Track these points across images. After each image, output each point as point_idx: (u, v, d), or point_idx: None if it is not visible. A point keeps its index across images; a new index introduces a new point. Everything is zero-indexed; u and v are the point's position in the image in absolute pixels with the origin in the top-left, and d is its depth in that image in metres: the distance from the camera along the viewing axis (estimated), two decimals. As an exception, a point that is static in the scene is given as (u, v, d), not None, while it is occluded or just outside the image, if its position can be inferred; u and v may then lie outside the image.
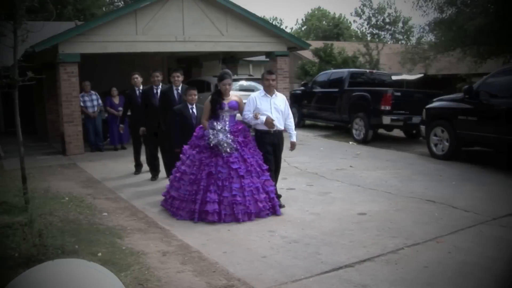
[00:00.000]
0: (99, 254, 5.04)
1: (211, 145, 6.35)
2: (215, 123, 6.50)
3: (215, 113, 6.64)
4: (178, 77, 8.46)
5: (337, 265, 4.72)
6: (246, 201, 6.29)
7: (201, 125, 6.88)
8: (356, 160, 10.63)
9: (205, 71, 19.34)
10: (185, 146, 6.87)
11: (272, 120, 6.67)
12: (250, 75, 16.30)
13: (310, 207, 6.74)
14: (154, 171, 9.12)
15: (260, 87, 14.51)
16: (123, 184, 8.78)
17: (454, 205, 6.86)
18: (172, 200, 6.69)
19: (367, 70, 17.38)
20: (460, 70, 21.43)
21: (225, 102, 6.66)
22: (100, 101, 13.01)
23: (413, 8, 19.56)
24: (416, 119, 12.27)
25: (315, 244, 5.36)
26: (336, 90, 14.87)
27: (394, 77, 19.01)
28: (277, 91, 7.07)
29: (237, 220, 6.22)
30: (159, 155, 9.12)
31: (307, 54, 24.82)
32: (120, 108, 12.43)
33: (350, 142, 13.45)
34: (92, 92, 12.95)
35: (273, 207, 6.53)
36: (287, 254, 5.09)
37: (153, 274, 4.60)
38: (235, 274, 4.57)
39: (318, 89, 15.88)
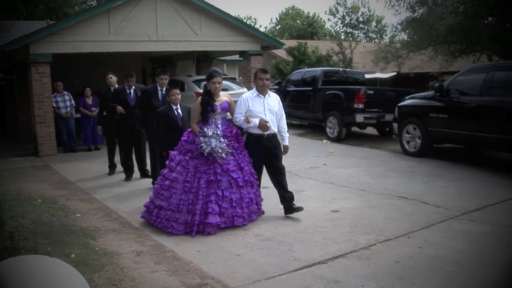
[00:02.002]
0: (73, 255, 5.00)
1: (205, 154, 5.82)
2: (205, 129, 5.94)
3: (206, 116, 6.12)
4: (166, 79, 8.20)
5: (310, 262, 4.77)
6: (244, 213, 5.94)
7: (190, 129, 6.34)
8: (330, 158, 10.73)
9: (179, 71, 19.29)
10: (173, 152, 6.24)
11: (266, 122, 6.16)
12: (224, 74, 16.26)
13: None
14: (128, 172, 9.07)
15: (235, 86, 14.60)
16: (97, 185, 8.71)
17: (426, 201, 6.98)
18: (159, 210, 5.94)
19: (341, 69, 17.53)
20: (432, 69, 21.77)
21: (217, 103, 6.16)
22: (73, 102, 12.89)
23: (386, 7, 19.83)
24: (389, 117, 12.41)
25: (289, 242, 5.41)
26: (310, 88, 14.96)
27: (367, 76, 19.17)
28: (250, 90, 6.84)
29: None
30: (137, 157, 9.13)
31: (281, 53, 24.92)
32: (94, 109, 12.35)
33: (324, 141, 13.54)
34: (65, 92, 12.81)
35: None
36: (260, 252, 5.13)
37: (127, 274, 4.58)
38: (209, 273, 4.58)
39: (292, 88, 15.96)
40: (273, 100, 6.42)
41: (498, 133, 8.68)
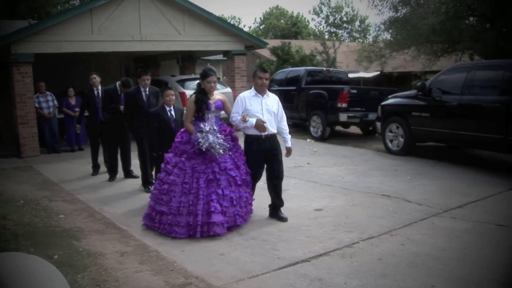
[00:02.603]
0: (56, 256, 4.98)
1: (203, 149, 5.65)
2: (201, 125, 5.80)
3: (201, 114, 5.97)
4: (148, 80, 8.04)
5: (294, 261, 4.80)
6: (243, 212, 5.86)
7: (183, 129, 6.21)
8: (314, 157, 10.77)
9: (162, 71, 19.25)
10: (168, 154, 6.07)
11: (263, 122, 5.96)
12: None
13: (267, 204, 6.69)
14: (112, 172, 9.04)
15: (219, 85, 14.57)
16: (80, 185, 8.67)
17: (408, 199, 7.05)
18: (161, 216, 5.79)
19: (324, 68, 17.60)
20: (415, 68, 21.95)
21: (211, 102, 6.02)
22: (55, 102, 12.79)
23: (369, 7, 19.89)
24: (372, 116, 12.51)
25: (272, 241, 5.43)
26: (294, 88, 15.02)
27: (351, 75, 19.31)
28: (234, 89, 6.71)
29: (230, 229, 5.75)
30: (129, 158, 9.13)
31: (265, 52, 24.96)
32: (77, 109, 12.27)
33: (308, 140, 13.60)
34: (48, 92, 12.70)
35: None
36: (244, 251, 5.14)
37: (110, 274, 4.57)
38: (193, 272, 4.59)
39: (275, 87, 15.98)
40: (272, 100, 6.22)
41: (479, 132, 8.80)
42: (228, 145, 5.82)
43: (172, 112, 7.22)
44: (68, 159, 11.65)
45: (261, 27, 55.34)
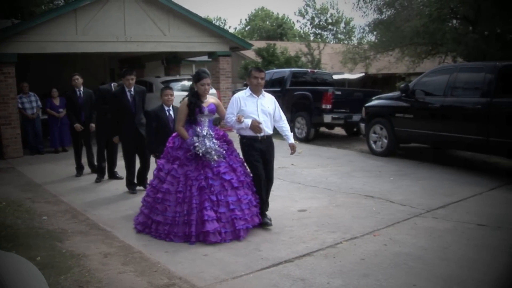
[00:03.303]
0: (38, 258, 4.95)
1: (200, 154, 5.49)
2: (198, 129, 5.67)
3: (194, 118, 5.79)
4: (133, 79, 7.87)
5: (277, 261, 4.82)
6: (245, 215, 5.56)
7: (175, 134, 6.01)
8: (298, 158, 10.78)
9: (147, 72, 19.21)
10: (160, 161, 5.92)
11: (259, 123, 5.81)
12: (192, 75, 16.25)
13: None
14: (101, 173, 9.02)
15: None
16: (64, 187, 8.62)
17: (391, 200, 7.12)
18: (157, 225, 5.66)
19: (309, 70, 17.66)
20: (399, 70, 22.13)
21: (204, 105, 5.82)
22: (39, 103, 12.69)
23: (354, 9, 20.06)
24: (356, 117, 12.59)
25: (256, 241, 5.45)
26: (278, 89, 15.03)
27: (336, 77, 19.37)
28: (219, 91, 6.55)
29: (238, 238, 5.46)
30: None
31: (250, 54, 24.99)
32: (61, 110, 12.20)
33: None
34: (31, 93, 12.59)
35: None
36: (228, 251, 5.15)
37: (94, 276, 4.56)
38: (176, 273, 4.60)
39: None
40: (268, 101, 6.08)
41: (461, 133, 8.90)
42: (224, 152, 5.68)
43: (171, 112, 7.04)
44: (52, 160, 11.57)
45: (246, 29, 55.33)
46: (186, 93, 6.12)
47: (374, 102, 11.40)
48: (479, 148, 8.86)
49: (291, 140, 6.24)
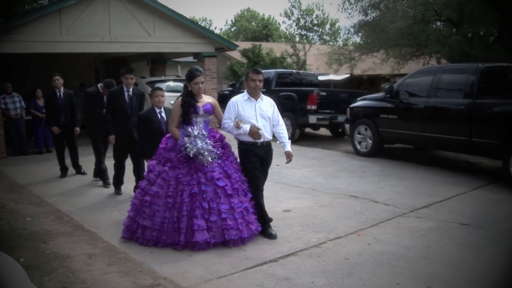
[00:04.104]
0: (22, 259, 4.90)
1: (191, 155, 5.22)
2: (189, 129, 5.37)
3: (188, 119, 5.50)
4: (132, 79, 7.64)
5: (262, 261, 4.85)
6: (238, 224, 5.26)
7: (168, 134, 5.73)
8: (283, 159, 10.77)
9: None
10: (152, 162, 5.63)
11: (258, 129, 5.51)
12: (178, 76, 16.27)
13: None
14: (102, 174, 8.72)
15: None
16: (48, 188, 8.56)
17: (376, 200, 7.19)
18: (144, 230, 5.36)
19: (294, 71, 17.72)
20: (384, 71, 22.25)
21: (199, 105, 5.54)
22: (23, 103, 12.59)
23: (339, 10, 20.16)
24: (341, 118, 12.67)
25: (241, 241, 5.46)
26: (264, 90, 14.96)
27: (321, 78, 19.46)
28: (205, 92, 6.25)
29: (227, 245, 5.23)
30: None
31: (235, 54, 25.03)
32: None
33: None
34: (14, 93, 12.48)
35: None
36: (213, 252, 5.15)
37: (78, 276, 4.54)
38: (161, 273, 4.60)
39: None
40: (266, 104, 5.73)
41: (444, 133, 9.00)
42: (218, 152, 5.40)
43: (163, 114, 6.79)
44: (36, 161, 11.48)
45: (232, 29, 55.37)
46: (171, 94, 6.04)
47: (359, 103, 11.47)
48: (462, 148, 8.96)
49: (288, 147, 5.87)
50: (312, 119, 13.05)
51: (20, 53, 12.24)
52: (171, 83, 14.26)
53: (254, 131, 5.49)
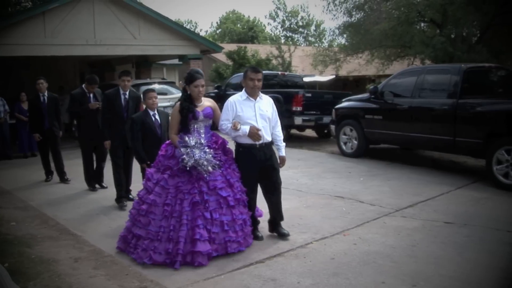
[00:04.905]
0: (6, 264, 4.86)
1: (187, 168, 4.96)
2: (186, 138, 5.07)
3: (187, 125, 5.23)
4: (129, 81, 7.43)
5: (248, 262, 4.86)
6: (238, 237, 5.08)
7: (168, 141, 5.46)
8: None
9: (118, 75, 19.07)
10: (150, 170, 5.39)
11: (258, 130, 5.29)
12: (163, 79, 16.24)
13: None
14: (94, 180, 8.58)
15: (174, 90, 14.52)
16: (33, 192, 8.50)
17: (361, 200, 7.23)
18: (137, 240, 5.08)
19: (279, 72, 17.76)
20: (369, 72, 22.37)
21: (199, 109, 5.27)
22: (7, 107, 12.48)
23: (324, 11, 20.25)
24: (326, 119, 12.70)
25: (227, 243, 5.46)
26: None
27: (306, 79, 19.52)
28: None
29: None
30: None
31: (221, 57, 25.05)
32: (29, 114, 12.01)
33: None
34: (-2, 97, 12.39)
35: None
36: (199, 253, 5.16)
37: (64, 280, 4.52)
38: (148, 276, 4.59)
39: (231, 92, 16.01)
40: (266, 104, 5.51)
41: (429, 133, 9.08)
42: (218, 162, 5.13)
43: (157, 117, 6.51)
44: (20, 165, 11.39)
45: (217, 32, 55.33)
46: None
47: (344, 104, 11.53)
48: (446, 148, 9.05)
49: (283, 152, 5.68)
50: (298, 120, 13.08)
51: (2, 56, 12.13)
52: (156, 86, 14.18)
53: (254, 132, 5.27)
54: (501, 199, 7.17)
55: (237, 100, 5.41)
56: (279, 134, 5.67)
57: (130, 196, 7.46)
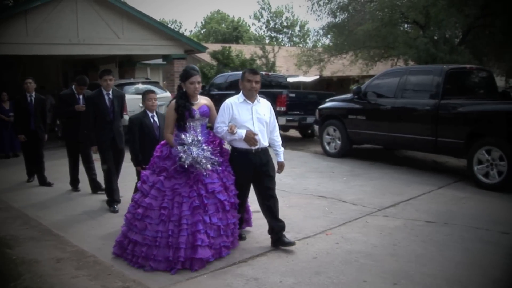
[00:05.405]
0: (-14, 266, 4.85)
1: (186, 166, 4.74)
2: (182, 136, 4.86)
3: (183, 124, 5.03)
4: (111, 80, 7.12)
5: (231, 261, 4.87)
6: (229, 242, 5.03)
7: (163, 141, 5.29)
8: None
9: (99, 75, 18.97)
10: (145, 172, 5.18)
11: (254, 134, 5.10)
12: (147, 79, 16.19)
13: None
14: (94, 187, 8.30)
15: (158, 90, 14.45)
16: (15, 192, 8.41)
17: (344, 199, 7.28)
18: (134, 246, 4.87)
19: (263, 73, 17.79)
20: (353, 72, 22.51)
21: (195, 108, 5.09)
22: (-12, 107, 12.35)
23: (308, 12, 20.34)
24: (310, 119, 12.76)
25: (210, 242, 5.46)
26: (233, 92, 15.01)
27: (291, 79, 19.56)
28: (174, 94, 5.67)
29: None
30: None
31: (205, 57, 25.00)
32: (11, 114, 11.88)
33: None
34: (-22, 97, 12.24)
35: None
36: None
37: (46, 281, 4.50)
38: (130, 276, 4.57)
39: (215, 92, 16.03)
40: (263, 108, 5.30)
41: (411, 134, 9.16)
42: (217, 159, 4.95)
43: (156, 118, 6.34)
44: (2, 166, 11.25)
45: (202, 31, 55.26)
46: (140, 97, 5.70)
47: (327, 104, 11.58)
48: (428, 148, 9.13)
49: (281, 157, 5.48)
50: (282, 120, 13.08)
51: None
52: (140, 86, 14.13)
53: (251, 137, 5.07)
54: (482, 199, 7.28)
55: (233, 102, 5.20)
56: (277, 139, 5.49)
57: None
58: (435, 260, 4.80)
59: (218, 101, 6.20)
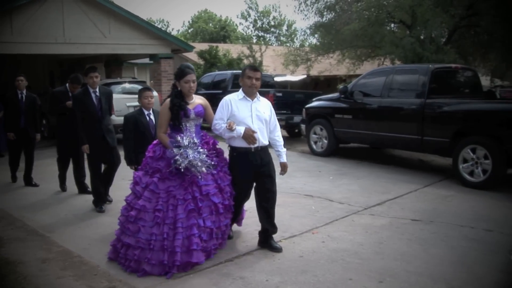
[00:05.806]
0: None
1: (182, 169, 4.61)
2: (178, 138, 4.70)
3: (178, 124, 4.92)
4: (97, 77, 6.91)
5: (217, 261, 4.86)
6: (218, 244, 5.00)
7: (156, 141, 5.16)
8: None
9: (84, 73, 18.87)
10: (138, 173, 5.04)
11: (253, 132, 4.97)
12: (134, 78, 16.13)
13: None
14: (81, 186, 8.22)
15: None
16: (-1, 193, 8.33)
17: (330, 198, 7.31)
18: (127, 249, 4.73)
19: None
20: (340, 72, 22.56)
21: (190, 107, 4.98)
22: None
23: (296, 11, 20.39)
24: (297, 119, 12.79)
25: (197, 242, 5.45)
26: (220, 91, 15.08)
27: (278, 79, 19.59)
28: (161, 93, 5.46)
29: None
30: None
31: (192, 56, 24.95)
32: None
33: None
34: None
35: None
36: (168, 253, 5.14)
37: (31, 282, 4.46)
38: (116, 276, 4.55)
39: (202, 91, 15.97)
40: (263, 106, 5.19)
41: (397, 133, 9.22)
42: (212, 162, 4.81)
43: (152, 117, 6.22)
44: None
45: (189, 31, 55.16)
46: (127, 96, 5.62)
47: (314, 104, 11.61)
48: (414, 147, 9.20)
49: (284, 158, 5.34)
50: (269, 119, 13.11)
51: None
52: (127, 85, 14.07)
53: (249, 134, 4.94)
54: (467, 197, 7.34)
55: (233, 99, 5.11)
56: (279, 139, 5.34)
57: (108, 197, 7.31)
58: (420, 258, 4.83)
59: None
